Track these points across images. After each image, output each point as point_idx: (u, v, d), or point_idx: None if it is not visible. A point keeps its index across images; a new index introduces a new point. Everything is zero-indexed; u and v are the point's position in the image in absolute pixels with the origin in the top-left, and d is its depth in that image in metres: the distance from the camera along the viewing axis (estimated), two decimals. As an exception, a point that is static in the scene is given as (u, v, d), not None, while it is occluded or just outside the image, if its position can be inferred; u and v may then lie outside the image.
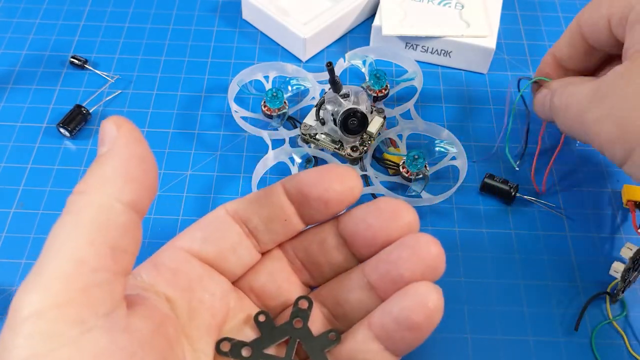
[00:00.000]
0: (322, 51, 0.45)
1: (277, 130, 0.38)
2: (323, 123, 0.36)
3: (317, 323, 0.25)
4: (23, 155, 0.38)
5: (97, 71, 0.43)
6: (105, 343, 0.17)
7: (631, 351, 0.31)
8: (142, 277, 0.23)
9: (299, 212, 0.24)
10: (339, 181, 0.23)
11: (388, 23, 0.43)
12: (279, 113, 0.38)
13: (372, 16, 0.46)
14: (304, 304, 0.24)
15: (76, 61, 0.43)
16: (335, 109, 0.35)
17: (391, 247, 0.23)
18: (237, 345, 0.23)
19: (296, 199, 0.24)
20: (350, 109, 0.34)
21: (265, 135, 0.37)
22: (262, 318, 0.24)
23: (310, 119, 0.37)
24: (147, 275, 0.23)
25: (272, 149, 0.36)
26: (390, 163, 0.37)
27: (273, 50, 0.45)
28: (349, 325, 0.24)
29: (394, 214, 0.23)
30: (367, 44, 0.45)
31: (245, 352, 0.23)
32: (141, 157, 0.19)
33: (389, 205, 0.23)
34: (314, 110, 0.37)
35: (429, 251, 0.22)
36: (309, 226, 0.26)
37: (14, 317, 0.17)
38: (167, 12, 0.47)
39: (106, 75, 0.42)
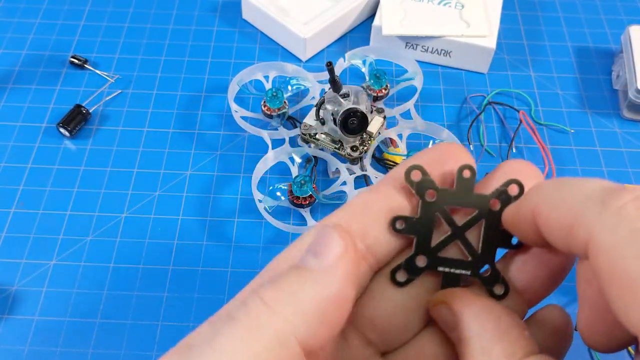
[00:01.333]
0: (322, 51, 0.45)
1: (277, 130, 0.38)
2: (323, 123, 0.36)
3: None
4: (23, 155, 0.38)
5: (97, 71, 0.43)
6: None
7: (631, 351, 0.31)
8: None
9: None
10: (455, 160, 0.19)
11: (388, 23, 0.43)
12: (279, 113, 0.38)
13: (372, 16, 0.46)
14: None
15: (76, 61, 0.43)
16: (335, 109, 0.35)
17: None
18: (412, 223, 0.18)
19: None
20: (350, 108, 0.34)
21: (265, 135, 0.37)
22: (466, 174, 0.18)
23: (310, 119, 0.37)
24: None
25: (272, 149, 0.36)
26: (390, 163, 0.37)
27: (273, 50, 0.45)
28: None
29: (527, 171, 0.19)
30: (367, 44, 0.45)
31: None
32: (346, 298, 0.15)
33: (516, 164, 0.19)
34: (314, 110, 0.37)
35: None
36: None
37: None
38: (167, 12, 0.47)
39: (106, 75, 0.42)
